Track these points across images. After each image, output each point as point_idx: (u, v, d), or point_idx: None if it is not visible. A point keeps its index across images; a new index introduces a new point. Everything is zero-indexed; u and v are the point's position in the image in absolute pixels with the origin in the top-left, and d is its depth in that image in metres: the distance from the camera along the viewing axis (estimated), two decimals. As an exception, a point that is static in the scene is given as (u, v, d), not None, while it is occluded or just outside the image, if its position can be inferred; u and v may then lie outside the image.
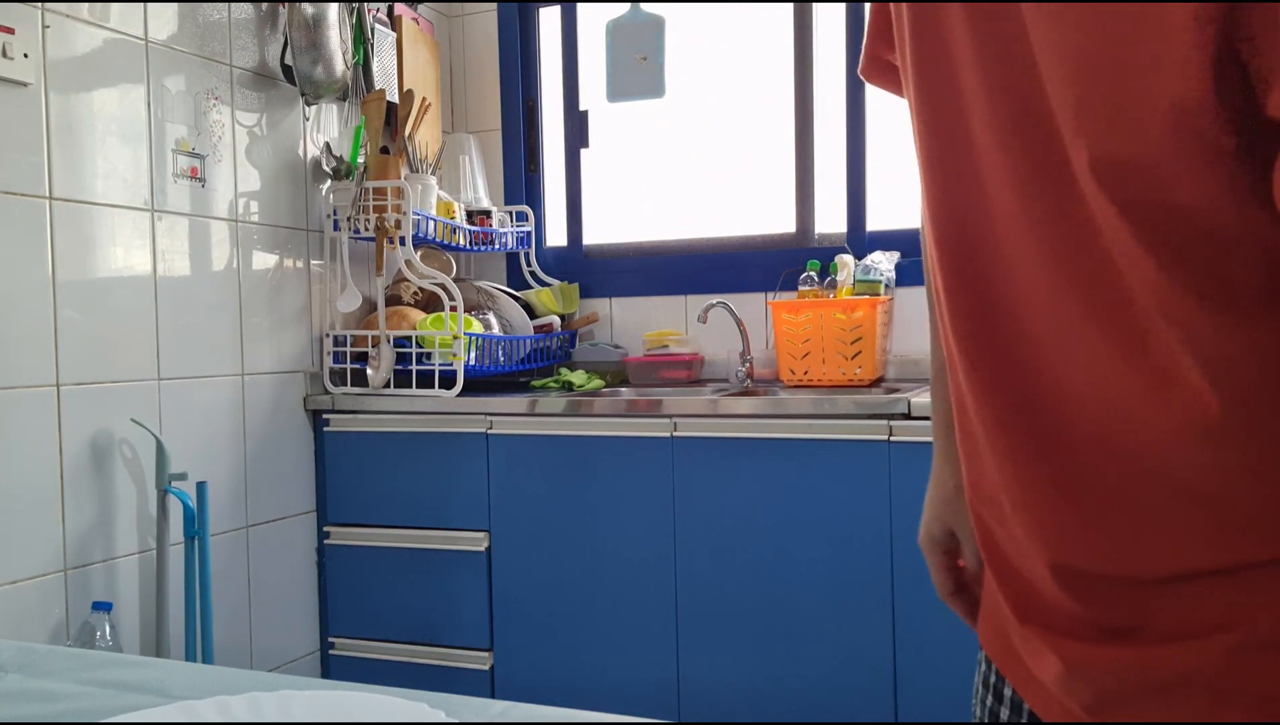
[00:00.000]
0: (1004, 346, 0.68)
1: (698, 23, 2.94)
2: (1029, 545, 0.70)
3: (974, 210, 0.68)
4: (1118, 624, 0.66)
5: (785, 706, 2.14)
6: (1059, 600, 0.69)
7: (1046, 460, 0.67)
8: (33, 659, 0.90)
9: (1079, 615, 0.68)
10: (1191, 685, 0.62)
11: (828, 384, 2.48)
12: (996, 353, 0.69)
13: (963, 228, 0.70)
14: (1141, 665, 0.65)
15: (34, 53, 1.96)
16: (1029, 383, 0.67)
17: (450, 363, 2.47)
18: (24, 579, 1.95)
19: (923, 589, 2.04)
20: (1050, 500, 0.67)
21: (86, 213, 2.07)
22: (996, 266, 0.67)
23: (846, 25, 2.75)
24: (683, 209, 3.01)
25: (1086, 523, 0.66)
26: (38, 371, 1.98)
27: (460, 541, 2.39)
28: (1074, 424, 0.65)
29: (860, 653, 2.08)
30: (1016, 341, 0.67)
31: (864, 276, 2.50)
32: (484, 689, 2.39)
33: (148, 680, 0.83)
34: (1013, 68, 0.61)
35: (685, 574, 2.22)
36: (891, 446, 2.05)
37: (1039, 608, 0.71)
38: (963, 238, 0.70)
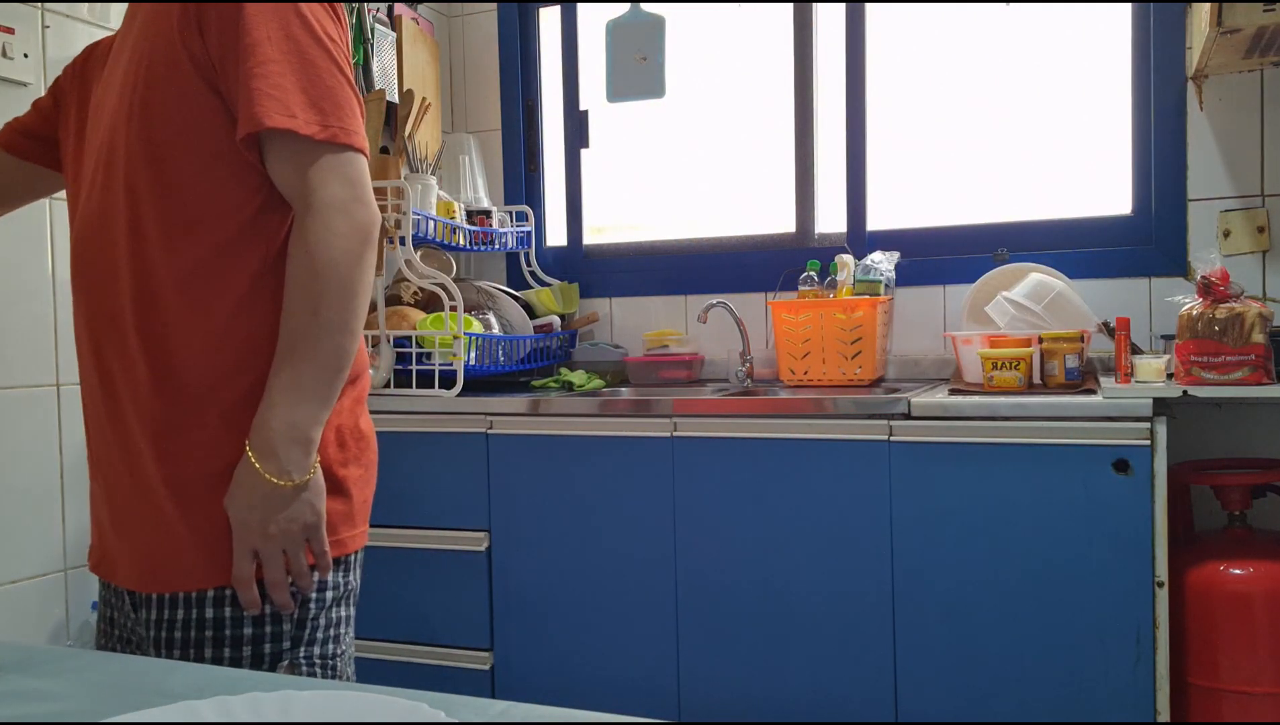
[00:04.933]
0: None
1: (698, 23, 2.94)
2: None
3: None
4: None
5: (785, 706, 2.14)
6: None
7: None
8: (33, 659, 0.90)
9: None
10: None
11: (828, 384, 2.48)
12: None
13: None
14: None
15: (34, 53, 1.96)
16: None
17: (450, 363, 2.47)
18: (24, 579, 1.95)
19: (923, 588, 2.04)
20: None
21: (86, 213, 2.07)
22: None
23: (846, 25, 2.75)
24: (683, 209, 3.01)
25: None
26: (38, 371, 1.98)
27: (460, 541, 2.39)
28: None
29: (860, 653, 2.08)
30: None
31: (864, 276, 2.50)
32: (484, 689, 2.38)
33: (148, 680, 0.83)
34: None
35: (685, 574, 2.22)
36: (891, 446, 2.05)
37: None
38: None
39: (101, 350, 1.15)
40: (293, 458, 1.06)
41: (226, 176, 1.10)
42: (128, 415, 1.13)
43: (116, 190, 1.12)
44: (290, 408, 1.06)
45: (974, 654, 2.00)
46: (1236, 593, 1.94)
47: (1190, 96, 2.41)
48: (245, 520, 1.07)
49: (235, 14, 1.06)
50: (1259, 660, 1.92)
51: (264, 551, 1.07)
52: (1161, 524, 1.87)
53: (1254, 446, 2.30)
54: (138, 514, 1.13)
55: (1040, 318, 2.26)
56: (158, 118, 1.09)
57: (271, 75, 1.05)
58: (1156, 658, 1.88)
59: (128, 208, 1.11)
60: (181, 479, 1.10)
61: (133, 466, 1.13)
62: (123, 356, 1.13)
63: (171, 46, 1.09)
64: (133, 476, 1.13)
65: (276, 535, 1.07)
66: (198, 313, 1.10)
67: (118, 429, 1.14)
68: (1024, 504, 1.96)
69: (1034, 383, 2.15)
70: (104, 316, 1.14)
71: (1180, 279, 2.42)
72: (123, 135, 1.11)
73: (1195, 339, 1.97)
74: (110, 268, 1.13)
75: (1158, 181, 2.46)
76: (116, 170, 1.12)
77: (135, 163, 1.10)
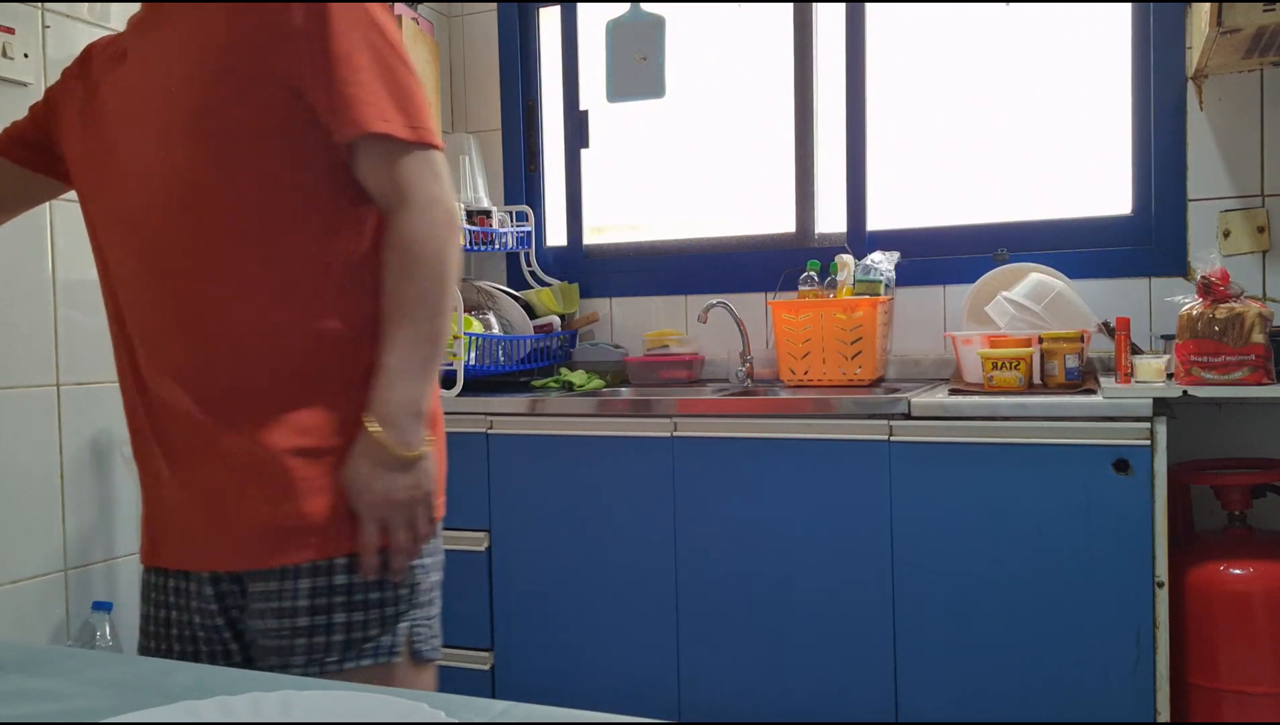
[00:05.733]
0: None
1: (698, 22, 2.94)
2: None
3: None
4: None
5: (785, 706, 2.14)
6: None
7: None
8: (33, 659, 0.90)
9: None
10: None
11: (828, 384, 2.48)
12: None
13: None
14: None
15: (34, 53, 1.96)
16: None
17: (450, 363, 2.47)
18: (24, 579, 1.95)
19: (923, 588, 2.04)
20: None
21: (86, 213, 2.07)
22: None
23: (846, 25, 2.75)
24: (683, 209, 3.01)
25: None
26: (38, 371, 1.98)
27: (460, 541, 2.39)
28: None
29: (860, 653, 2.08)
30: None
31: (864, 276, 2.50)
32: (484, 689, 2.38)
33: (148, 680, 0.83)
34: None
35: (685, 574, 2.22)
36: (891, 446, 2.05)
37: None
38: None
39: (186, 339, 1.17)
40: (412, 430, 1.15)
41: (315, 176, 1.17)
42: (227, 401, 1.16)
43: (190, 189, 1.16)
44: (406, 384, 1.15)
45: (974, 654, 2.00)
46: (1236, 593, 1.94)
47: (1190, 96, 2.41)
48: (373, 489, 1.13)
49: (321, 27, 1.14)
50: (1259, 660, 1.92)
51: (391, 519, 1.15)
52: (1161, 524, 1.87)
53: (1254, 446, 2.30)
54: (246, 494, 1.15)
55: (1040, 318, 2.26)
56: (236, 125, 1.15)
57: (365, 83, 1.14)
58: (1156, 658, 1.88)
59: (210, 207, 1.15)
60: (293, 455, 1.15)
61: (235, 449, 1.16)
62: (216, 342, 1.16)
63: (242, 54, 1.15)
64: (235, 458, 1.16)
65: (403, 503, 1.15)
66: (304, 298, 1.17)
67: (212, 413, 1.16)
68: (1024, 504, 1.96)
69: (1034, 383, 2.15)
70: (190, 306, 1.17)
71: (1180, 279, 2.42)
72: (188, 139, 1.15)
73: (1195, 339, 1.97)
74: (199, 263, 1.16)
75: (1158, 181, 2.46)
76: (181, 169, 1.15)
77: (208, 162, 1.15)
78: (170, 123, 1.17)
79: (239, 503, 1.16)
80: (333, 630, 1.15)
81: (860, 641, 2.08)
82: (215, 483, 1.17)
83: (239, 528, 1.16)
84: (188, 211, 1.16)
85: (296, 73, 1.14)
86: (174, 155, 1.16)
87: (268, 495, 1.15)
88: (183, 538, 1.21)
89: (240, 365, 1.16)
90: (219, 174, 1.15)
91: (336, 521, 1.15)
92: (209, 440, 1.16)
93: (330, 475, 1.15)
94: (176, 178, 1.16)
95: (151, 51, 1.21)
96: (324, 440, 1.16)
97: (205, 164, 1.15)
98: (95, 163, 1.24)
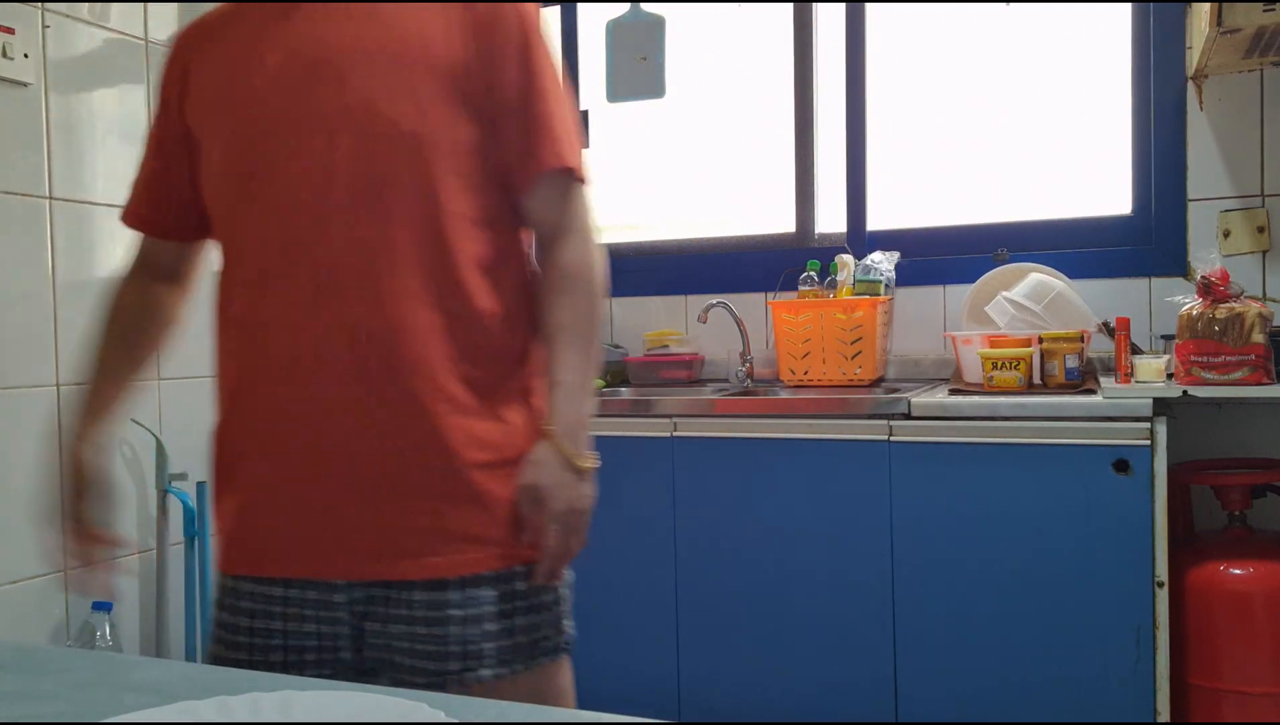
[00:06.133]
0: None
1: (698, 22, 2.94)
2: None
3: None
4: None
5: (785, 706, 2.14)
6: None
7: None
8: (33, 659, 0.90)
9: None
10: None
11: (828, 384, 2.48)
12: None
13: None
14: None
15: (34, 53, 1.96)
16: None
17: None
18: (24, 579, 1.95)
19: (923, 589, 2.04)
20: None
21: (86, 213, 2.07)
22: None
23: (846, 25, 2.75)
24: (683, 209, 3.01)
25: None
26: (38, 371, 1.98)
27: (460, 541, 2.39)
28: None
29: (860, 652, 2.08)
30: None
31: (864, 276, 2.50)
32: (484, 689, 2.38)
33: (148, 680, 0.83)
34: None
35: (685, 574, 2.22)
36: (891, 446, 2.05)
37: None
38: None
39: (357, 345, 1.13)
40: (585, 444, 1.22)
41: (494, 197, 1.20)
42: (402, 409, 1.15)
43: (378, 194, 1.14)
44: (580, 399, 1.22)
45: (974, 654, 2.00)
46: (1236, 593, 1.94)
47: (1190, 96, 2.41)
48: (561, 498, 1.18)
49: (526, 54, 1.19)
50: (1259, 660, 1.92)
51: (571, 525, 1.20)
52: (1161, 524, 1.87)
53: (1254, 446, 2.30)
54: (424, 505, 1.16)
55: (1040, 318, 2.26)
56: (440, 135, 1.15)
57: (562, 118, 1.22)
58: (1156, 658, 1.88)
59: (401, 213, 1.14)
60: (477, 468, 1.17)
61: (411, 459, 1.15)
62: (391, 348, 1.14)
63: (457, 69, 1.16)
64: (412, 469, 1.15)
65: (581, 511, 1.21)
66: (480, 312, 1.18)
67: (385, 420, 1.14)
68: (1024, 504, 1.96)
69: (1034, 383, 2.15)
70: (365, 309, 1.14)
71: (1180, 279, 2.42)
72: (386, 143, 1.13)
73: (1195, 339, 1.97)
74: (377, 266, 1.14)
75: (1158, 181, 2.46)
76: (369, 175, 1.13)
77: (402, 169, 1.14)
78: (366, 125, 1.13)
79: (415, 513, 1.15)
80: (516, 633, 1.19)
81: (860, 641, 2.08)
82: (386, 490, 1.15)
83: (413, 536, 1.15)
84: (374, 215, 1.13)
85: (500, 97, 1.17)
86: (366, 161, 1.13)
87: (451, 505, 1.16)
88: (323, 547, 1.16)
89: (416, 374, 1.15)
90: (412, 181, 1.14)
91: (514, 531, 1.19)
92: (376, 448, 1.14)
93: (508, 486, 1.18)
94: (363, 181, 1.13)
95: (337, 47, 1.16)
96: (499, 453, 1.19)
97: (400, 171, 1.14)
98: (253, 163, 1.17)
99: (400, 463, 1.15)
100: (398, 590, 1.16)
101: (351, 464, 1.15)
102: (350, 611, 1.17)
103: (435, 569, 1.15)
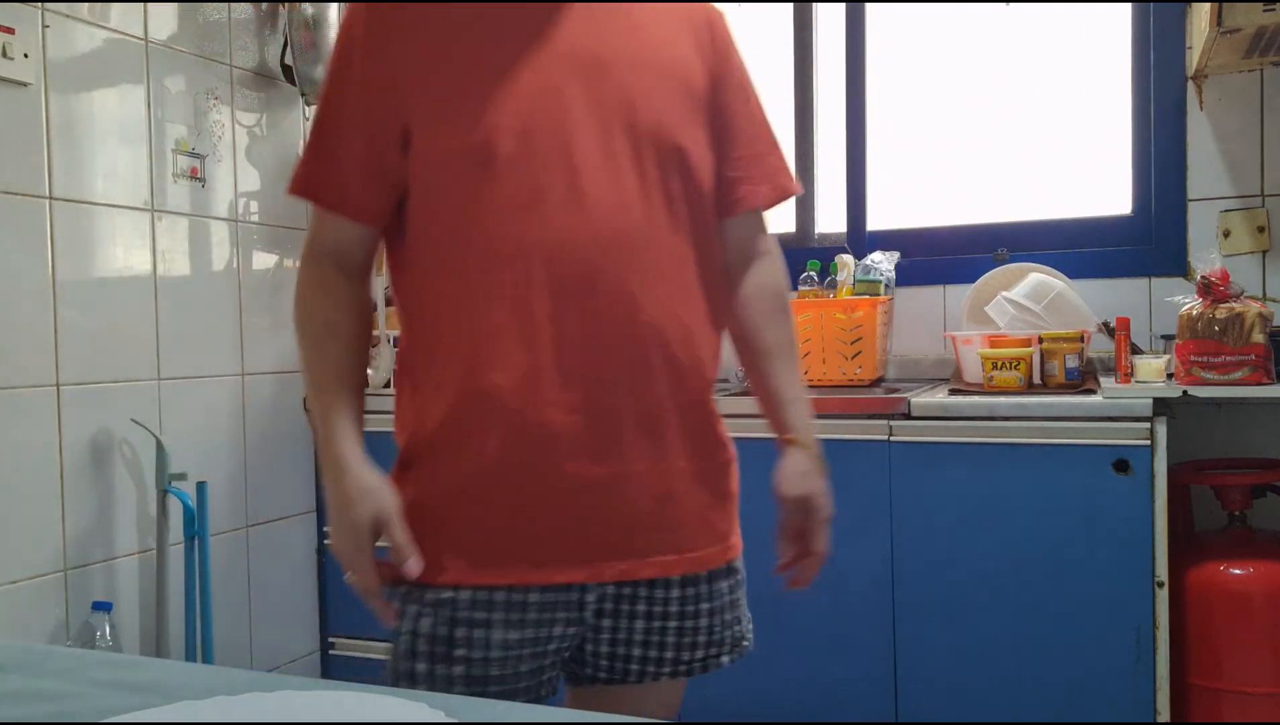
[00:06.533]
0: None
1: (698, 23, 2.94)
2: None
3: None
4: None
5: (785, 706, 2.14)
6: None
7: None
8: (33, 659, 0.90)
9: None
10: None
11: (828, 384, 2.48)
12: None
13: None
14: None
15: (34, 53, 1.96)
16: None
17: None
18: (24, 579, 1.95)
19: (923, 589, 2.04)
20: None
21: (86, 213, 2.07)
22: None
23: (846, 25, 2.75)
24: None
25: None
26: (38, 371, 1.98)
27: (460, 541, 2.39)
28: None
29: (860, 652, 2.08)
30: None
31: (864, 276, 2.50)
32: (484, 689, 2.38)
33: (148, 680, 0.83)
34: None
35: (685, 574, 2.22)
36: (891, 446, 2.05)
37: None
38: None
39: (640, 333, 1.12)
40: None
41: (712, 214, 1.23)
42: (691, 404, 1.18)
43: (650, 194, 1.14)
44: (811, 412, 1.31)
45: (974, 654, 2.00)
46: (1236, 593, 1.94)
47: (1190, 96, 2.41)
48: (824, 505, 1.25)
49: (748, 85, 1.31)
50: (1259, 660, 1.92)
51: (828, 520, 1.26)
52: (1161, 524, 1.87)
53: (1254, 446, 2.30)
54: (696, 499, 1.19)
55: (1040, 318, 2.26)
56: (688, 139, 1.17)
57: (777, 146, 1.31)
58: (1156, 658, 1.88)
59: (671, 222, 1.16)
60: (727, 462, 1.25)
61: (697, 457, 1.19)
62: (669, 339, 1.15)
63: (694, 85, 1.20)
64: (696, 466, 1.19)
65: (830, 518, 1.27)
66: (709, 310, 1.21)
67: (683, 414, 1.17)
68: (1024, 504, 1.96)
69: (1034, 383, 2.15)
70: (649, 302, 1.13)
71: (1180, 279, 2.42)
72: (653, 146, 1.14)
73: (1195, 339, 1.97)
74: (656, 260, 1.14)
75: (1158, 181, 2.46)
76: (635, 173, 1.13)
77: (672, 169, 1.16)
78: (646, 132, 1.13)
79: (692, 510, 1.18)
80: (742, 622, 1.27)
81: (860, 641, 2.08)
82: (663, 487, 1.16)
83: (685, 533, 1.18)
84: (662, 223, 1.14)
85: (728, 121, 1.23)
86: (649, 164, 1.13)
87: (715, 501, 1.22)
88: (597, 549, 1.12)
89: (697, 376, 1.19)
90: (680, 192, 1.16)
91: (735, 522, 1.27)
92: (661, 449, 1.15)
93: (735, 482, 1.27)
94: (646, 182, 1.13)
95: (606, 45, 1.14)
96: (730, 451, 1.27)
97: (673, 180, 1.15)
98: (526, 158, 1.09)
99: (686, 463, 1.18)
100: (648, 588, 1.16)
101: (636, 467, 1.13)
102: (596, 610, 1.15)
103: (695, 564, 1.19)
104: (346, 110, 1.13)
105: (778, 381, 1.29)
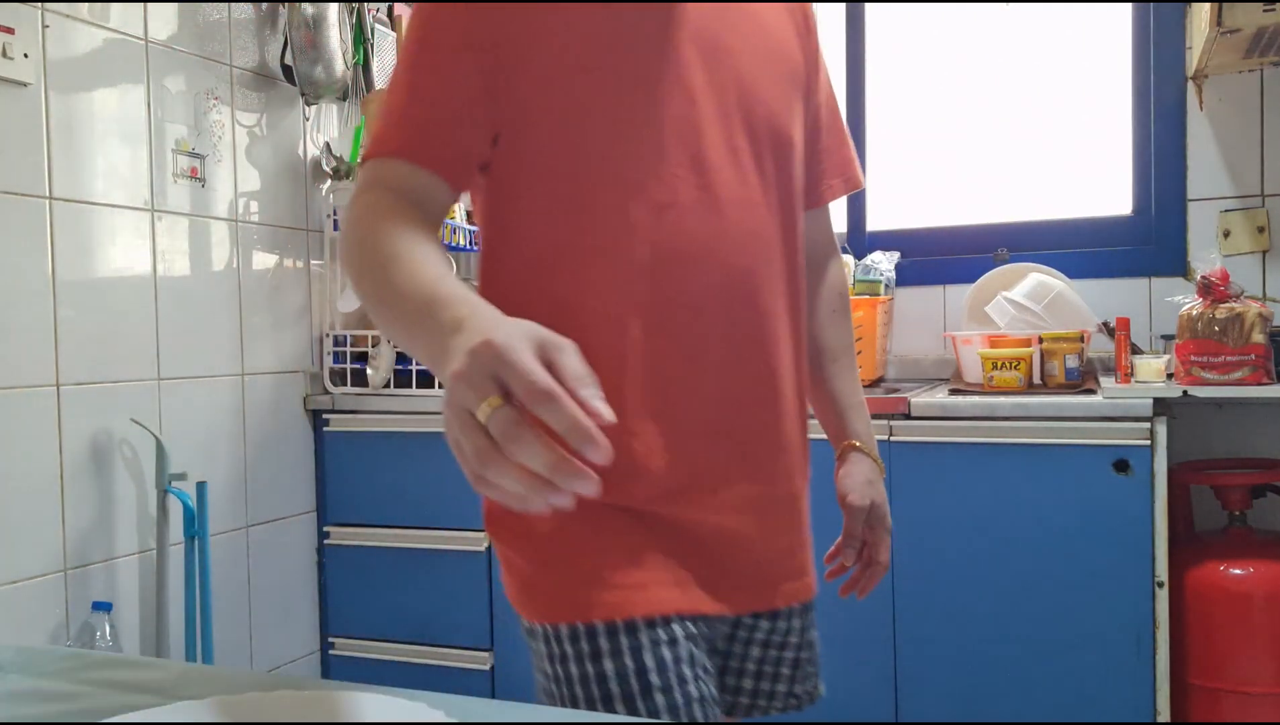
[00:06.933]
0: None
1: (698, 23, 2.94)
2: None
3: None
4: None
5: (785, 706, 2.14)
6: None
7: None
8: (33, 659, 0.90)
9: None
10: None
11: (828, 384, 2.48)
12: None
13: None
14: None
15: (34, 53, 1.96)
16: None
17: (450, 363, 2.46)
18: (24, 579, 1.95)
19: (923, 589, 2.04)
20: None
21: (86, 213, 2.07)
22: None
23: (846, 25, 2.75)
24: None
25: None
26: (38, 371, 1.98)
27: (460, 541, 2.39)
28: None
29: (860, 652, 2.08)
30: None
31: (864, 276, 2.50)
32: (484, 689, 2.38)
33: (148, 680, 0.83)
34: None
35: (685, 574, 2.22)
36: (891, 446, 2.05)
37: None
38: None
39: (768, 341, 1.06)
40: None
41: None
42: (796, 413, 1.12)
43: (775, 201, 1.08)
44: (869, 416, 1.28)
45: (974, 654, 2.00)
46: (1236, 593, 1.94)
47: (1190, 96, 2.41)
48: (888, 514, 1.23)
49: (825, 72, 1.24)
50: (1259, 660, 1.92)
51: (890, 530, 1.24)
52: (1161, 524, 1.87)
53: (1254, 446, 2.30)
54: (805, 521, 1.17)
55: (1040, 318, 2.26)
56: (796, 131, 1.12)
57: (851, 142, 1.26)
58: (1156, 658, 1.88)
59: (781, 208, 1.08)
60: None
61: (801, 481, 1.15)
62: (783, 348, 1.08)
63: (799, 76, 1.15)
64: (796, 482, 1.14)
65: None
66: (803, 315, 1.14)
67: (799, 438, 1.13)
68: (1024, 504, 1.96)
69: (1034, 383, 2.15)
70: (768, 305, 1.06)
71: (1180, 279, 2.42)
72: (786, 136, 1.09)
73: (1195, 339, 1.97)
74: (773, 259, 1.07)
75: (1158, 182, 2.46)
76: (765, 168, 1.06)
77: (794, 180, 1.10)
78: (767, 125, 1.06)
79: (803, 534, 1.16)
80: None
81: (860, 641, 2.08)
82: (797, 508, 1.14)
83: (801, 558, 1.16)
84: (786, 225, 1.08)
85: (815, 112, 1.19)
86: (772, 159, 1.06)
87: (807, 526, 1.18)
88: (751, 578, 1.09)
89: (797, 392, 1.11)
90: (798, 193, 1.12)
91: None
92: (801, 460, 1.14)
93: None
94: (774, 180, 1.07)
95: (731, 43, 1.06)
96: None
97: (792, 180, 1.09)
98: (650, 143, 0.99)
99: (801, 488, 1.15)
100: (769, 618, 1.13)
101: (777, 482, 1.10)
102: (728, 639, 1.11)
103: (810, 591, 1.18)
104: (447, 71, 0.98)
105: (839, 384, 1.24)
